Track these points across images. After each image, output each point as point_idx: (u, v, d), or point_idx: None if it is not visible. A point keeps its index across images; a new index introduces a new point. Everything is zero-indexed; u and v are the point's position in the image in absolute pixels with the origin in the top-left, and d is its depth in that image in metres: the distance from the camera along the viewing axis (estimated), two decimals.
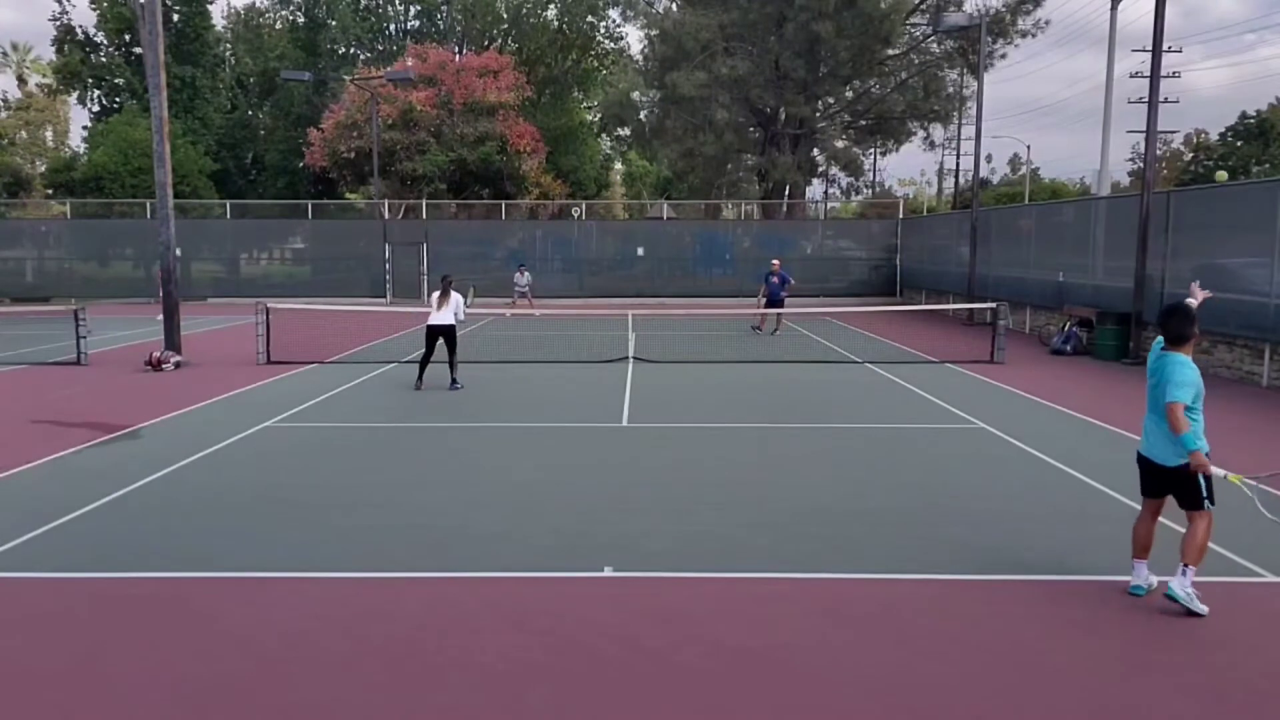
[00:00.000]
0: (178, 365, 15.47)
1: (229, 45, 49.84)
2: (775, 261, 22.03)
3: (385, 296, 32.91)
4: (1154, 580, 5.57)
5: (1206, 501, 5.33)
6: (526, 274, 26.76)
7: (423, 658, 4.77)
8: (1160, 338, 5.59)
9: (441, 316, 13.35)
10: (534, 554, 6.30)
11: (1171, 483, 5.45)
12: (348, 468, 8.78)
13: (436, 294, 13.54)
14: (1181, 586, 5.27)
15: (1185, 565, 5.29)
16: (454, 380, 13.34)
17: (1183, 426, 5.23)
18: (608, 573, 5.95)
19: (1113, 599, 5.56)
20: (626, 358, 16.51)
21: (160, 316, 23.86)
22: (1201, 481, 5.32)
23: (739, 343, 19.66)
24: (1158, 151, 29.13)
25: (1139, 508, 5.86)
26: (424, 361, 13.53)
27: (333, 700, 4.34)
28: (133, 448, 9.56)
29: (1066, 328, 18.40)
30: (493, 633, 5.07)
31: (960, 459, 9.19)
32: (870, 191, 53.98)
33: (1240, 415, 11.59)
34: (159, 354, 15.46)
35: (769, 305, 21.60)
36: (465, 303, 13.88)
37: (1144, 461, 5.63)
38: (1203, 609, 5.24)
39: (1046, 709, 4.27)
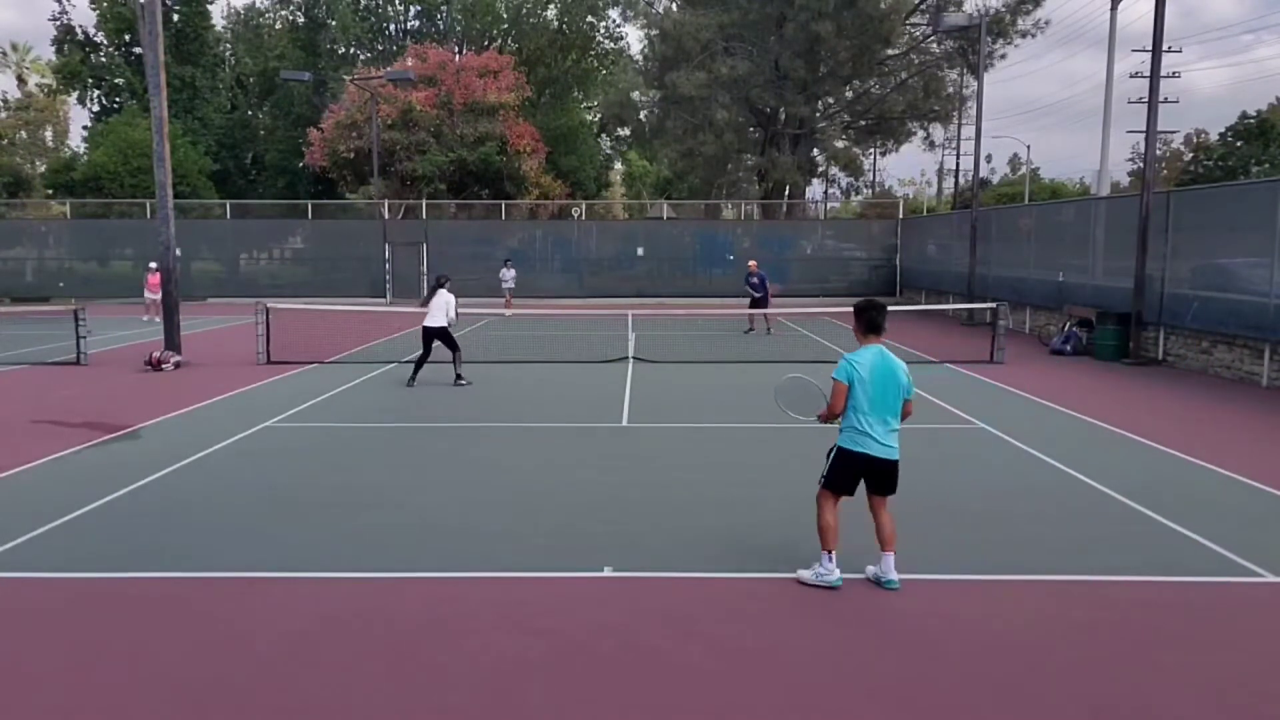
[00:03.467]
0: (178, 365, 15.47)
1: (229, 45, 49.86)
2: (752, 263, 22.20)
3: (385, 296, 32.93)
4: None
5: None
6: (513, 269, 27.42)
7: (423, 658, 4.77)
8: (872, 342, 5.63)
9: (434, 319, 13.36)
10: (534, 554, 6.30)
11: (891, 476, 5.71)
12: (348, 468, 8.77)
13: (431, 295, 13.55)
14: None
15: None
16: (458, 376, 13.40)
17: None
18: (608, 573, 5.95)
19: (1113, 599, 5.56)
20: (626, 358, 16.51)
21: (148, 316, 24.10)
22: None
23: (739, 343, 19.66)
24: (1158, 151, 29.12)
25: (1140, 507, 5.87)
26: (420, 361, 13.54)
27: (333, 700, 4.34)
28: (133, 448, 9.56)
29: (1066, 328, 18.40)
30: (493, 633, 5.07)
31: (960, 459, 9.19)
32: (870, 191, 54.08)
33: (1240, 415, 11.59)
34: (159, 354, 15.46)
35: (752, 306, 21.64)
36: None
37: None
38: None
39: (1046, 709, 4.27)
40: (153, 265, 25.47)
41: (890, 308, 6.04)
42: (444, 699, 4.36)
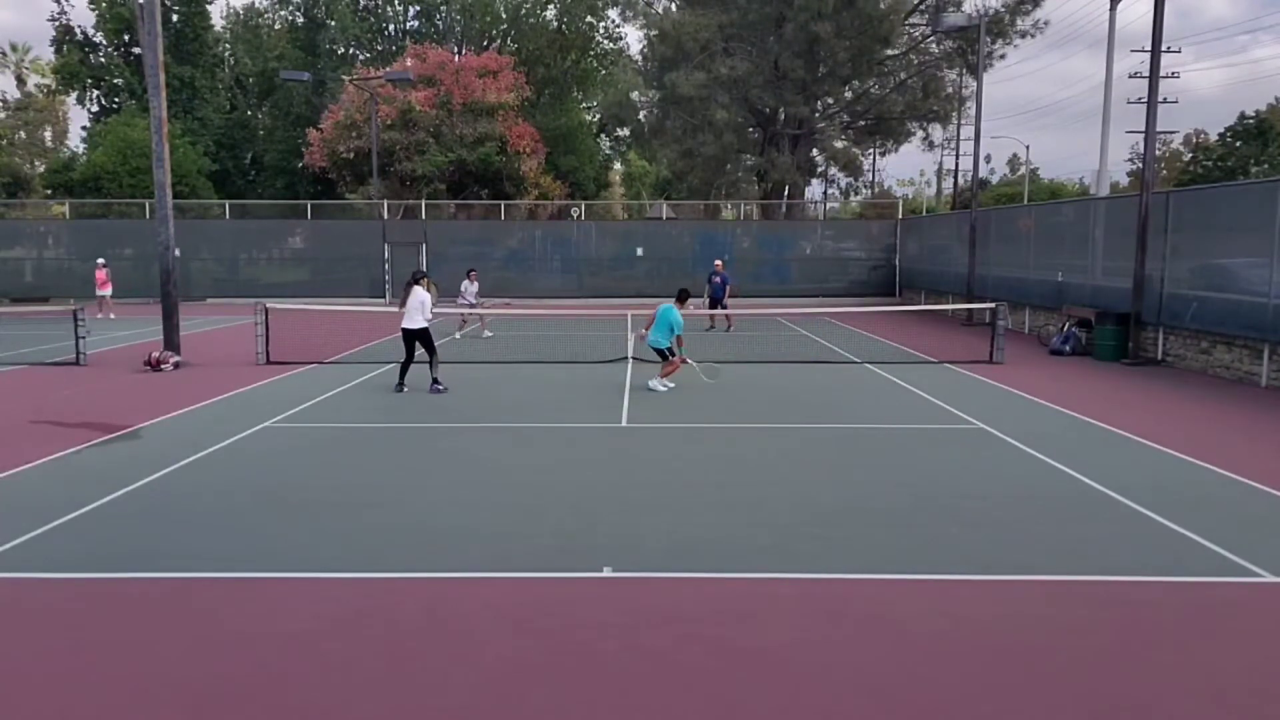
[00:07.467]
0: (177, 365, 15.46)
1: (228, 45, 49.85)
2: (718, 262, 22.28)
3: (384, 297, 32.92)
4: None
5: (670, 354, 13.36)
6: (476, 282, 20.65)
7: (423, 658, 4.77)
8: (673, 301, 13.70)
9: (410, 320, 12.89)
10: (534, 554, 6.30)
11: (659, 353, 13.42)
12: (347, 468, 8.77)
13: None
14: (658, 385, 13.14)
15: (662, 378, 13.25)
16: (435, 381, 13.01)
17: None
18: (607, 573, 5.95)
19: (1113, 599, 5.57)
20: (626, 358, 16.51)
21: (101, 315, 24.11)
22: (669, 352, 13.35)
23: (738, 343, 19.66)
24: (1157, 152, 29.13)
25: (1139, 508, 5.91)
26: (404, 364, 13.35)
27: (333, 700, 4.35)
28: (133, 448, 9.56)
29: (1066, 328, 18.41)
30: (493, 633, 5.07)
31: (959, 459, 9.19)
32: (869, 192, 54.08)
33: (1240, 415, 11.60)
34: (158, 354, 15.45)
35: (711, 305, 21.66)
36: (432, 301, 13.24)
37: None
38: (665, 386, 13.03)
39: (1046, 709, 4.27)
40: (100, 260, 25.89)
41: (889, 308, 6.17)
42: (444, 699, 4.36)
